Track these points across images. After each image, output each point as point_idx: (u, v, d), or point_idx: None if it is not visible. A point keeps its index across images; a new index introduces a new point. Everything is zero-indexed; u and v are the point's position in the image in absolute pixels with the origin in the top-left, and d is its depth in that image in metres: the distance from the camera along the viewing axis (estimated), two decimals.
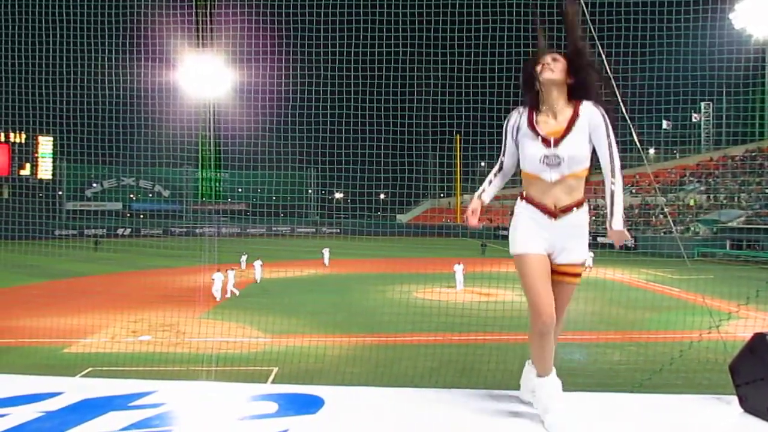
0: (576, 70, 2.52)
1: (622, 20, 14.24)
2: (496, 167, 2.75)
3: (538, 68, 2.53)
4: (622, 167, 2.51)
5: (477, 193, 2.72)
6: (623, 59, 15.13)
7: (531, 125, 2.54)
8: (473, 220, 2.66)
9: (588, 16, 6.12)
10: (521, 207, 2.59)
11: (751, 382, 2.46)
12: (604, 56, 6.21)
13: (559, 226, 2.51)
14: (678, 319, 14.79)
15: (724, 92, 42.97)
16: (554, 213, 2.50)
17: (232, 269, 21.80)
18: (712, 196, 42.62)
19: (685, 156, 54.32)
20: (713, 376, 8.77)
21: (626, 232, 2.45)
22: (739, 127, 45.42)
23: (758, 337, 2.50)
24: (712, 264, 30.41)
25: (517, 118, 2.60)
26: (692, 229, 38.64)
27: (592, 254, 29.30)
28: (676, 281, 23.31)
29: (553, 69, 2.50)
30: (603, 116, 2.49)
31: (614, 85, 6.46)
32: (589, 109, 2.49)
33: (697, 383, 9.71)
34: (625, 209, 2.44)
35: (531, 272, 2.48)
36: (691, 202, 41.72)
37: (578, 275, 2.58)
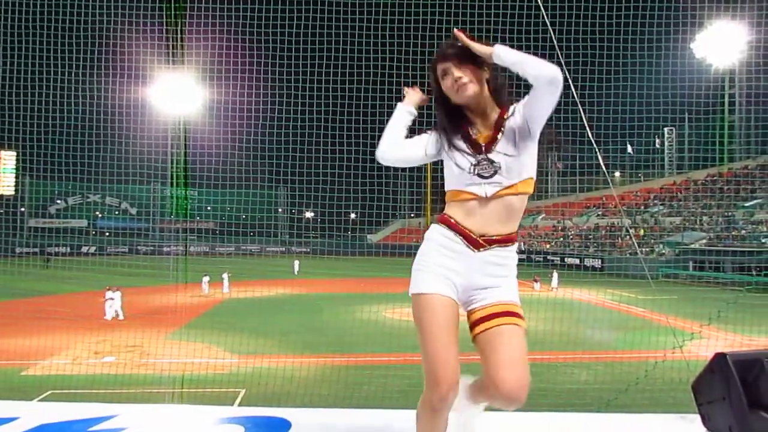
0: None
1: (588, 47, 14.66)
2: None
3: (447, 86, 2.03)
4: (588, 189, 2.35)
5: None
6: (589, 85, 15.57)
7: (464, 136, 2.04)
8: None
9: (556, 43, 6.29)
10: (434, 232, 2.04)
11: (713, 401, 2.51)
12: (571, 82, 6.38)
13: (480, 261, 1.98)
14: (643, 339, 15.06)
15: (686, 118, 44.55)
16: (477, 243, 1.97)
17: (118, 290, 20.41)
18: (668, 220, 43.77)
19: (650, 179, 55.85)
20: (678, 395, 8.90)
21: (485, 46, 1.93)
22: (701, 152, 47.00)
23: (719, 357, 2.55)
24: (676, 285, 31.09)
25: (438, 137, 2.10)
26: (656, 250, 39.53)
27: (556, 274, 29.78)
28: (641, 301, 23.72)
29: (466, 83, 1.99)
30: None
31: (581, 110, 6.65)
32: (514, 107, 2.03)
33: (663, 402, 9.84)
34: (590, 230, 2.08)
35: (432, 321, 1.92)
36: (641, 232, 42.50)
37: (518, 315, 1.98)
